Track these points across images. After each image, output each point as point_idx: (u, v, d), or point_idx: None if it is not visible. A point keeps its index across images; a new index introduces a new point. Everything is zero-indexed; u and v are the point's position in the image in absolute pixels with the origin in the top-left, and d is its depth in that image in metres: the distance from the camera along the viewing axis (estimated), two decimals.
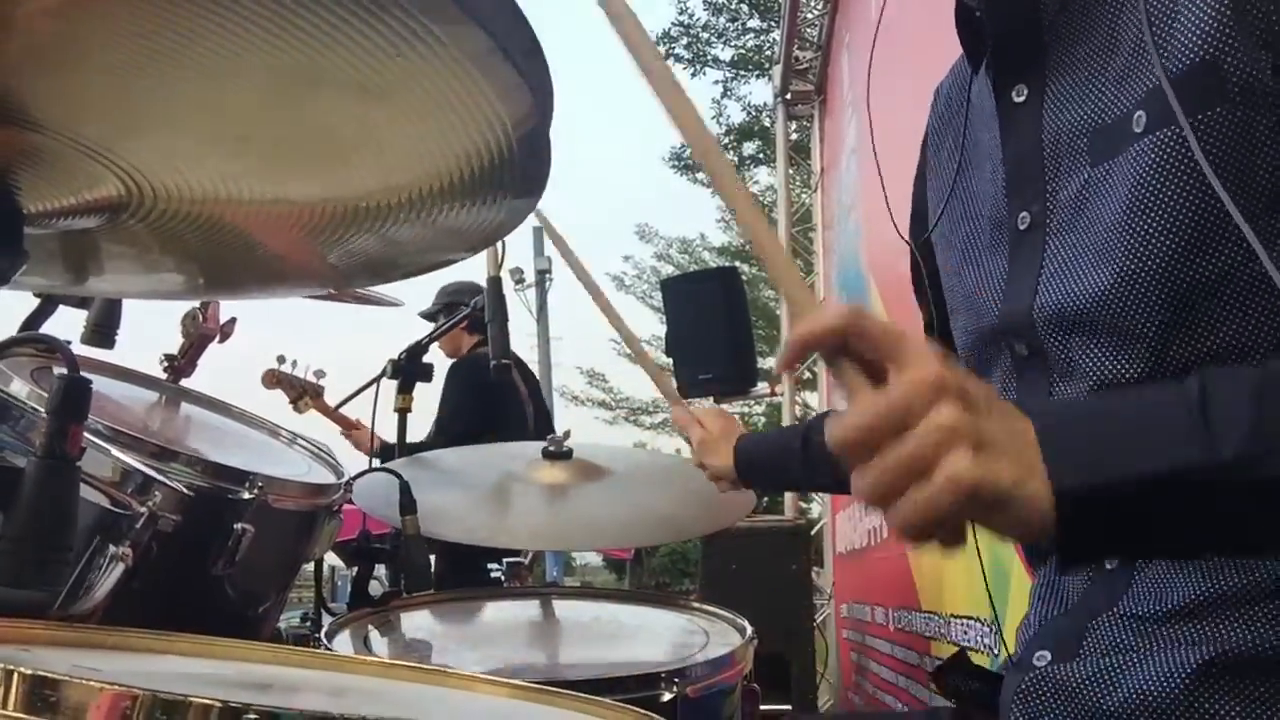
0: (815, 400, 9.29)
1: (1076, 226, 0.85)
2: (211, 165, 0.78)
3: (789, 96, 8.11)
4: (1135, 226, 0.79)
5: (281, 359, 4.05)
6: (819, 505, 8.58)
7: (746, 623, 1.48)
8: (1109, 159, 0.82)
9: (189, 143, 0.76)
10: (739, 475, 1.49)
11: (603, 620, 1.68)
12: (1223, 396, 0.67)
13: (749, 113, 17.58)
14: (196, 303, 1.77)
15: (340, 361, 4.28)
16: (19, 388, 1.03)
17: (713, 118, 17.90)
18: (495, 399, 3.84)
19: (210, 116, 0.72)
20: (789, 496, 7.66)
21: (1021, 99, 0.92)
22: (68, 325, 1.39)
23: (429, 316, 3.99)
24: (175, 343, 1.77)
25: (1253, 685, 0.75)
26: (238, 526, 1.11)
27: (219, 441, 1.41)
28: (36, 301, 1.32)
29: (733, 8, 16.96)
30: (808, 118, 8.22)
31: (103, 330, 1.42)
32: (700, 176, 18.38)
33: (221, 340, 1.82)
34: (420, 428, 3.95)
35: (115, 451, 1.02)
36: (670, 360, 4.79)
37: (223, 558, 1.10)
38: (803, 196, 8.99)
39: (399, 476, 1.61)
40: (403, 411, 2.28)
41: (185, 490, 1.05)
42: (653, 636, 1.57)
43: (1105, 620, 0.83)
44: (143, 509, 1.00)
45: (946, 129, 1.10)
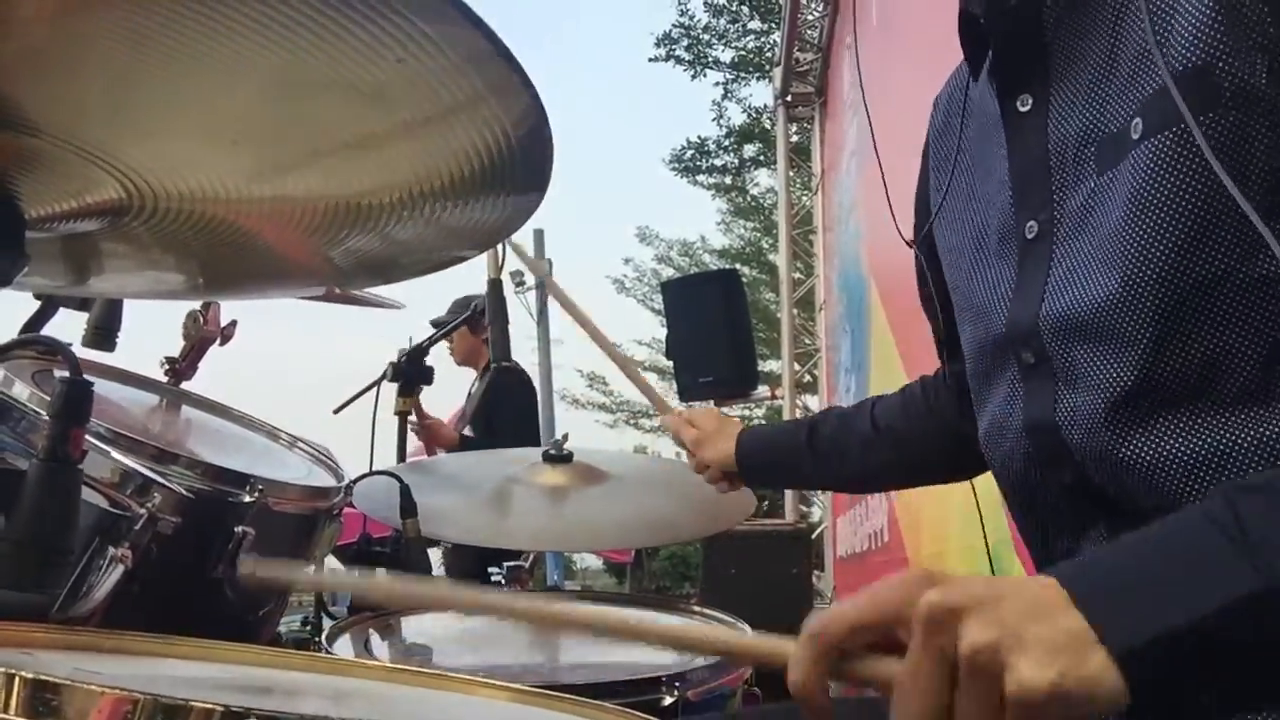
0: (815, 403, 9.29)
1: (1083, 234, 0.85)
2: (211, 166, 0.78)
3: (789, 98, 8.13)
4: (1136, 231, 0.79)
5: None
6: (819, 508, 8.58)
7: (747, 626, 1.48)
8: (1113, 167, 0.82)
9: (189, 145, 0.76)
10: (740, 469, 1.48)
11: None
12: (1261, 514, 0.61)
13: (749, 115, 17.63)
14: (197, 305, 1.77)
15: (340, 364, 4.29)
16: (20, 390, 1.02)
17: (713, 120, 17.98)
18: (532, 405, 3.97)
19: (210, 118, 0.72)
20: (790, 500, 7.67)
21: (1026, 108, 0.92)
22: (69, 328, 1.39)
23: (440, 325, 4.01)
24: (176, 345, 1.77)
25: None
26: (238, 529, 1.10)
27: (219, 444, 1.41)
28: (37, 304, 1.32)
29: (733, 9, 16.99)
30: (808, 120, 8.23)
31: (104, 333, 1.42)
32: (701, 179, 18.43)
33: (222, 343, 1.81)
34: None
35: (115, 454, 1.02)
36: (671, 363, 4.80)
37: (223, 561, 1.10)
38: (803, 198, 9.00)
39: (399, 480, 1.61)
40: (403, 415, 2.28)
41: (185, 493, 1.05)
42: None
43: None
44: (143, 511, 1.00)
45: (947, 138, 1.10)
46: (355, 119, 0.71)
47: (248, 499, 1.12)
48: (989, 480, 1.05)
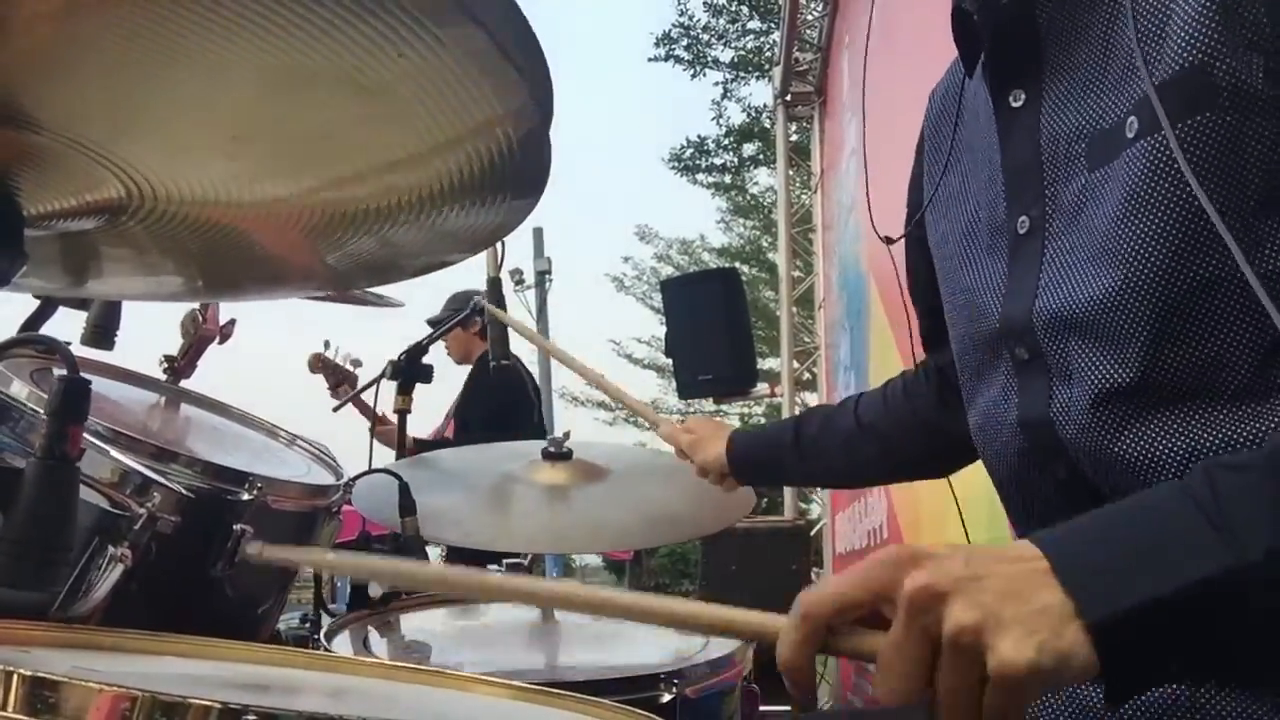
0: (814, 401, 9.29)
1: (1075, 230, 0.85)
2: (211, 166, 0.78)
3: (789, 98, 8.13)
4: (1130, 231, 0.79)
5: (327, 344, 4.07)
6: (819, 506, 8.59)
7: None
8: (1106, 164, 0.82)
9: (188, 144, 0.76)
10: (733, 471, 1.50)
11: (602, 621, 1.68)
12: (1238, 493, 0.62)
13: (749, 114, 17.61)
14: (196, 304, 1.77)
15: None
16: (19, 389, 1.02)
17: (713, 119, 17.96)
18: (526, 403, 3.93)
19: (210, 117, 0.72)
20: (789, 497, 7.67)
21: (1019, 103, 0.91)
22: (68, 326, 1.39)
23: (437, 324, 4.00)
24: (175, 344, 1.77)
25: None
26: (237, 527, 1.10)
27: (218, 442, 1.41)
28: (36, 303, 1.32)
29: (732, 9, 16.97)
30: (808, 119, 8.23)
31: (102, 331, 1.42)
32: (700, 178, 18.43)
33: (221, 341, 1.82)
34: (418, 428, 3.96)
35: (114, 452, 1.02)
36: (671, 361, 4.81)
37: (222, 559, 1.10)
38: (803, 197, 9.00)
39: (398, 478, 1.61)
40: (402, 413, 2.27)
41: (184, 491, 1.05)
42: (652, 637, 1.57)
43: None
44: (142, 510, 1.00)
45: (942, 132, 1.10)
46: (356, 119, 0.71)
47: (247, 497, 1.13)
48: (971, 479, 1.05)
